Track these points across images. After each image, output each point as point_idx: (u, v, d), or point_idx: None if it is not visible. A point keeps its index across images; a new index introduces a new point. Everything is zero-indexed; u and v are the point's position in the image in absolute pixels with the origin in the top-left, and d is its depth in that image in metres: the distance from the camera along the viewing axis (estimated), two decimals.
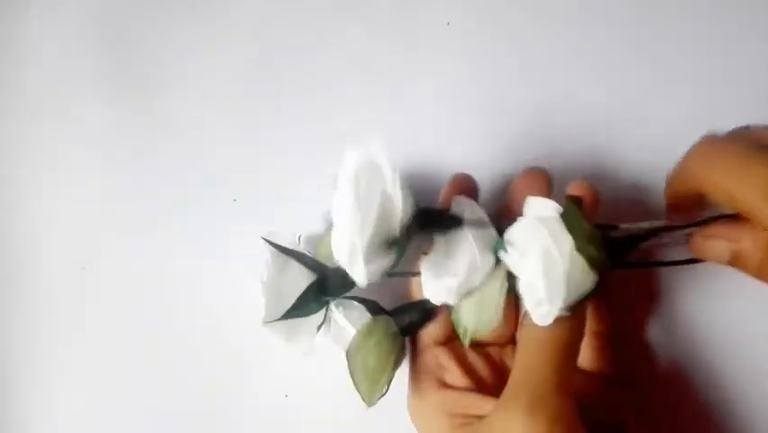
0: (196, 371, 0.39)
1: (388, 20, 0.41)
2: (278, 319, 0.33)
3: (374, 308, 0.34)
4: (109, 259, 0.40)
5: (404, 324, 0.34)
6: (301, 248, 0.35)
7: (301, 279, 0.34)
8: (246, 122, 0.41)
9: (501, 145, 0.39)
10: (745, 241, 0.27)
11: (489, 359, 0.33)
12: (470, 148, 0.39)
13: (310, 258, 0.35)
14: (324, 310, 0.35)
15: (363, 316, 0.34)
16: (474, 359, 0.33)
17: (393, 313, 0.34)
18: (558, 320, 0.28)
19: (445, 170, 0.38)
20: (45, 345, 0.40)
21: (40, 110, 0.42)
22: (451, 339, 0.34)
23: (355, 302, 0.34)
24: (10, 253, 0.41)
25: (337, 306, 0.34)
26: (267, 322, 0.33)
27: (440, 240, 0.31)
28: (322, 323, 0.35)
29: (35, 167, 0.42)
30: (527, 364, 0.28)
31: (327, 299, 0.34)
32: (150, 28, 0.42)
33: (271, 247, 0.34)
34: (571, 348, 0.28)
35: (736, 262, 0.28)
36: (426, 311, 0.34)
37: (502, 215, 0.33)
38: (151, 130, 0.41)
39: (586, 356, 0.33)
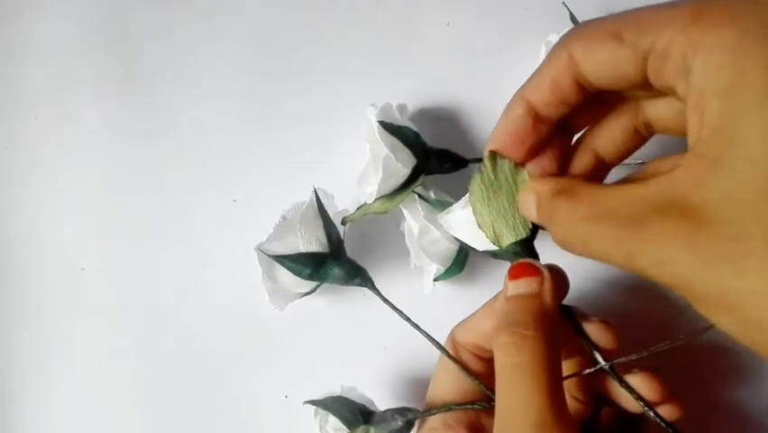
0: (197, 371, 0.39)
1: (389, 20, 0.40)
2: (270, 255, 0.33)
3: (353, 417, 0.32)
4: (109, 259, 0.40)
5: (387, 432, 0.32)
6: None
7: (312, 243, 0.34)
8: (246, 122, 0.41)
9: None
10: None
11: None
12: (469, 146, 0.39)
13: (335, 230, 0.35)
14: (314, 285, 0.35)
15: (340, 429, 0.32)
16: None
17: (376, 421, 0.32)
18: (531, 337, 0.25)
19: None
20: (45, 345, 0.40)
21: (40, 110, 0.42)
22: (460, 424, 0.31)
23: (332, 415, 0.33)
24: (10, 253, 0.41)
25: (316, 413, 0.33)
26: (259, 248, 0.33)
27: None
28: (307, 293, 0.35)
29: (35, 167, 0.42)
30: (512, 396, 0.24)
31: (321, 277, 0.34)
32: (150, 29, 0.42)
33: (315, 199, 0.35)
34: (554, 364, 0.25)
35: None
36: (409, 420, 0.31)
37: None
38: (151, 130, 0.41)
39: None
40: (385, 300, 0.33)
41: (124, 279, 0.40)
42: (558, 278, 0.27)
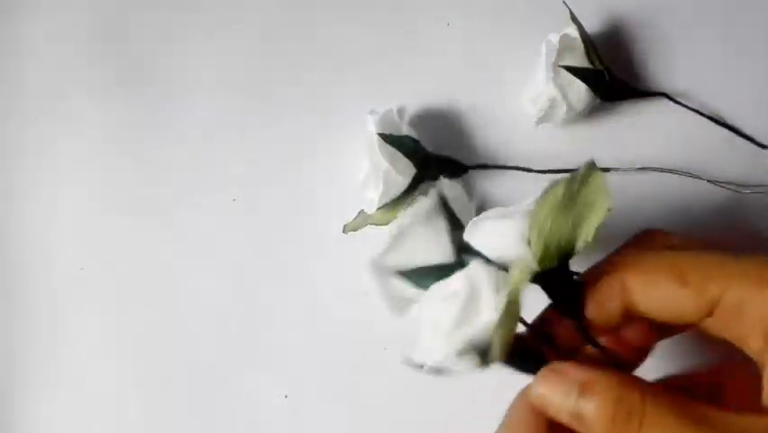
0: (196, 370, 0.39)
1: (389, 20, 0.40)
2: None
3: None
4: (109, 259, 0.40)
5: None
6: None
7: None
8: (246, 121, 0.41)
9: (504, 144, 0.39)
10: (597, 395, 0.21)
11: None
12: (470, 148, 0.39)
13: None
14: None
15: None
16: None
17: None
18: None
19: None
20: (45, 345, 0.40)
21: (40, 110, 0.42)
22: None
23: None
24: (10, 253, 0.41)
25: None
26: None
27: None
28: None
29: (35, 167, 0.42)
30: None
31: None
32: (150, 28, 0.42)
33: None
34: None
35: (576, 421, 0.22)
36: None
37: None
38: (151, 130, 0.41)
39: None
40: None
41: (124, 278, 0.40)
42: None
